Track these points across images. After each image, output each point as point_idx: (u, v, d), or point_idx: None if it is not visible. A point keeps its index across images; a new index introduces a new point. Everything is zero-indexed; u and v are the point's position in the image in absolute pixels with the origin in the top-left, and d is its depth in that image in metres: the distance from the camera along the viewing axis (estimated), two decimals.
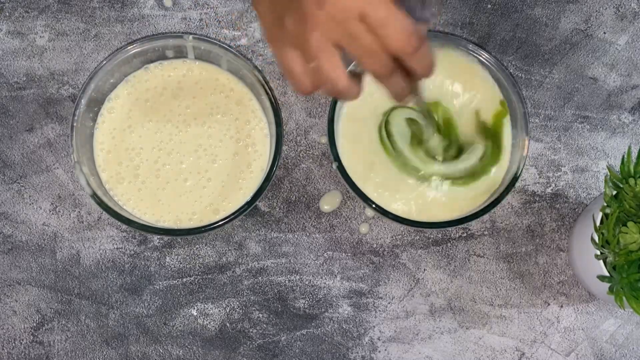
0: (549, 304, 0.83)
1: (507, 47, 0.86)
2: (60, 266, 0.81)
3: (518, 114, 0.79)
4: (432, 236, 0.83)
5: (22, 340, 0.81)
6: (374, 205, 0.76)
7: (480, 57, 0.80)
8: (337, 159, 0.77)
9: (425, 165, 0.79)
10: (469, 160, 0.80)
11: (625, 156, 0.73)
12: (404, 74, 0.62)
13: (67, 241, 0.82)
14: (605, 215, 0.73)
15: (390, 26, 0.58)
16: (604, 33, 0.87)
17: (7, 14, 0.84)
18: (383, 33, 0.58)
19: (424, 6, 0.64)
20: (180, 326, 0.81)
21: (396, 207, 0.79)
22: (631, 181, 0.72)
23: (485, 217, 0.83)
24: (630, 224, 0.71)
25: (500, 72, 0.79)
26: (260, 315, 0.81)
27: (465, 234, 0.83)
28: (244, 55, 0.79)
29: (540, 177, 0.84)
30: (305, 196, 0.83)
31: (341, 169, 0.77)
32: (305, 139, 0.84)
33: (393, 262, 0.82)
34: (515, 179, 0.77)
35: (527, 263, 0.83)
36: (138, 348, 0.81)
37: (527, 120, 0.78)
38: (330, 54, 0.59)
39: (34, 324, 0.81)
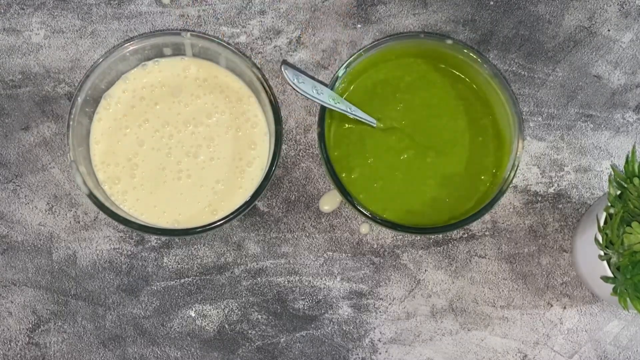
0: (552, 305, 0.82)
1: (510, 44, 0.85)
2: (56, 267, 0.81)
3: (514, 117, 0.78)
4: (433, 237, 0.82)
5: (18, 341, 0.80)
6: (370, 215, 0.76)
7: (478, 62, 0.79)
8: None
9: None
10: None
11: (630, 155, 0.73)
12: None
13: (63, 241, 0.81)
14: (609, 216, 0.73)
15: None
16: (608, 30, 0.86)
17: (2, 10, 0.84)
18: None
19: None
20: (178, 327, 0.81)
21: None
22: (635, 181, 0.72)
23: (487, 217, 0.82)
24: (634, 224, 0.71)
25: (497, 78, 0.79)
26: (259, 316, 0.81)
27: (466, 235, 0.82)
28: (243, 53, 0.79)
29: (542, 177, 0.84)
30: (305, 196, 0.83)
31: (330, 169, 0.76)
32: (305, 137, 0.83)
33: (394, 263, 0.82)
34: (508, 182, 0.77)
35: (530, 264, 0.82)
36: (135, 350, 0.80)
37: (521, 123, 0.77)
38: None
39: (30, 326, 0.80)
